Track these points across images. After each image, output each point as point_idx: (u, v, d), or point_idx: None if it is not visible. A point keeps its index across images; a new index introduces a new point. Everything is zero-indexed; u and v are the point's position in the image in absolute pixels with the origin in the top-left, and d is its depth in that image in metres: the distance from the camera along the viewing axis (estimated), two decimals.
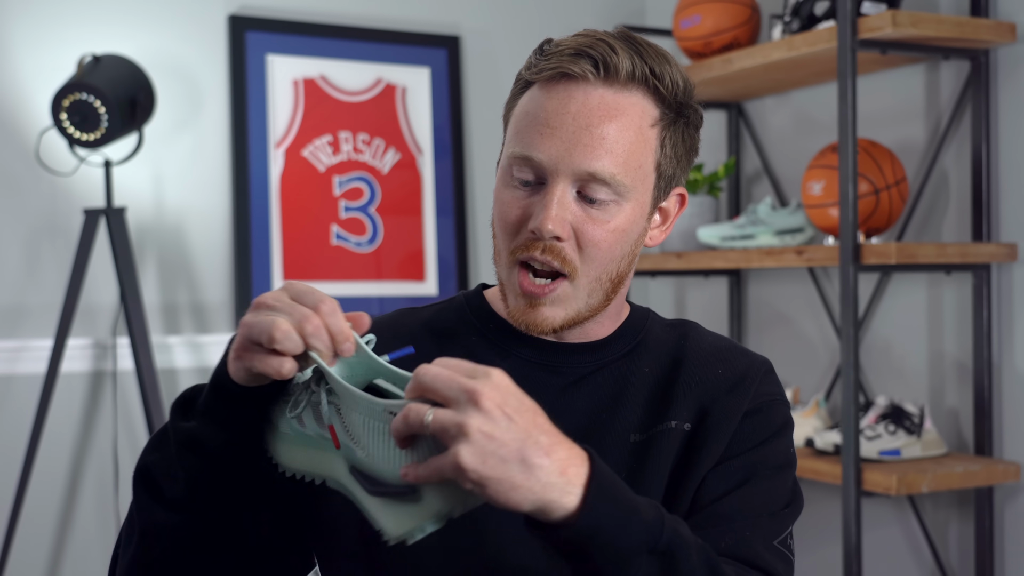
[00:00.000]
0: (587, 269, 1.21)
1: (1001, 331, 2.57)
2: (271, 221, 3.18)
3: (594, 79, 1.19)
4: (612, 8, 3.55)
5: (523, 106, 1.24)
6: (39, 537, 2.95)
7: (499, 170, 1.26)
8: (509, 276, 1.24)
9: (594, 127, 1.18)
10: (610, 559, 1.00)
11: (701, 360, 1.30)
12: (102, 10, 3.02)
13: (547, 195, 1.19)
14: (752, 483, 1.23)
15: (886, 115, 2.82)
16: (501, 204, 1.23)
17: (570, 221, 1.19)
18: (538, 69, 1.22)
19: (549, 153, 1.19)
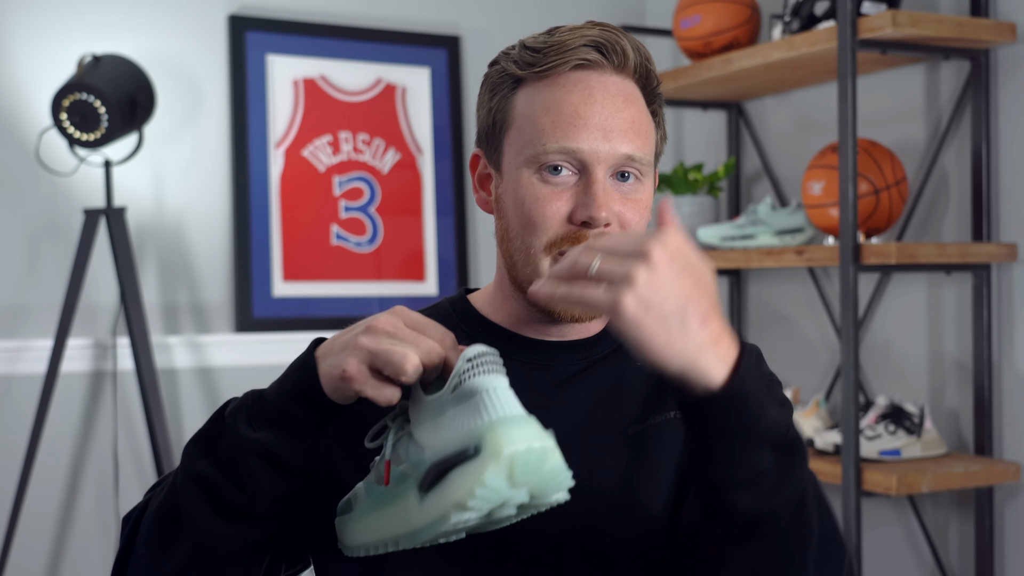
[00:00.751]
0: None
1: (1001, 331, 2.57)
2: (271, 221, 3.18)
3: (609, 67, 1.23)
4: (612, 8, 3.55)
5: (532, 104, 1.23)
6: (39, 537, 2.95)
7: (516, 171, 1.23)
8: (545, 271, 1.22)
9: (621, 111, 1.22)
10: (742, 438, 1.02)
11: None
12: (102, 10, 3.02)
13: (592, 184, 1.21)
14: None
15: (886, 115, 2.82)
16: (535, 201, 1.21)
17: (616, 209, 1.22)
18: (545, 65, 1.22)
19: (589, 142, 1.20)
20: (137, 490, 3.04)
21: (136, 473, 3.04)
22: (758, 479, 1.04)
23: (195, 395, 3.11)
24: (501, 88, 1.25)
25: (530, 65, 1.23)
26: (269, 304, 3.17)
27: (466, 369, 1.00)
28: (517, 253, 1.24)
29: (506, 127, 1.25)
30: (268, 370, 3.22)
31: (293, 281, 3.20)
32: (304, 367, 1.09)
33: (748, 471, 1.04)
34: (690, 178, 3.07)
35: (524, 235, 1.23)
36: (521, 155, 1.23)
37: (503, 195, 1.25)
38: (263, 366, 3.14)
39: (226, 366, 3.13)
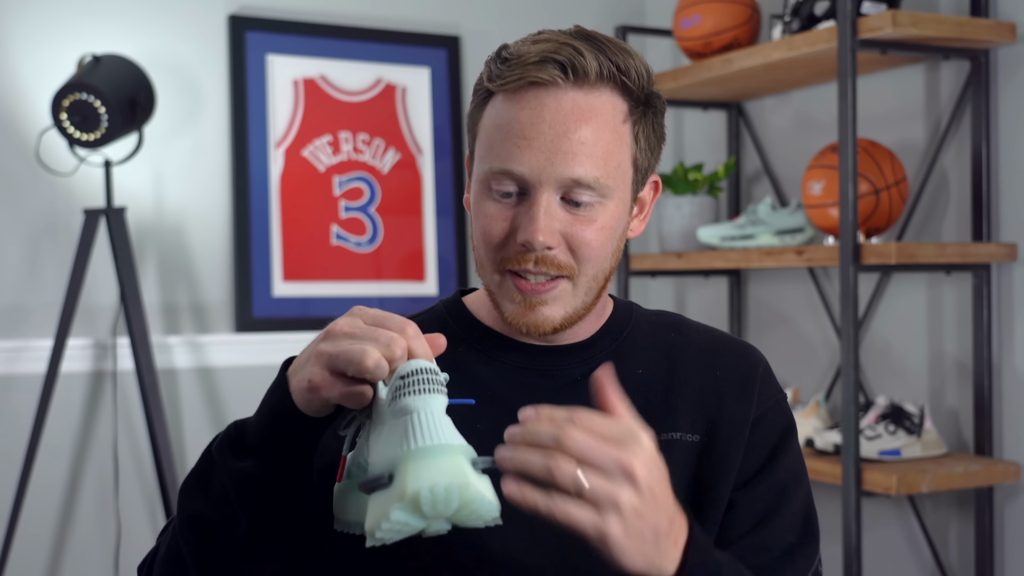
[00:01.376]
0: (584, 269, 1.21)
1: (1001, 331, 2.57)
2: (271, 221, 3.18)
3: (564, 83, 1.17)
4: (612, 8, 3.55)
5: (491, 118, 1.21)
6: (39, 537, 2.95)
7: (474, 183, 1.23)
8: (501, 285, 1.22)
9: (571, 133, 1.17)
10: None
11: (697, 362, 1.30)
12: (102, 10, 3.02)
13: (533, 207, 1.17)
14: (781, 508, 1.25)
15: (886, 115, 2.82)
16: (484, 218, 1.21)
17: (558, 228, 1.18)
18: (503, 80, 1.19)
19: (530, 165, 1.17)
20: (137, 490, 3.04)
21: (136, 473, 3.04)
22: None
23: (195, 395, 3.11)
24: (477, 96, 1.25)
25: (496, 78, 1.21)
26: (269, 304, 3.17)
27: (399, 386, 0.99)
28: (478, 263, 1.25)
29: (477, 137, 1.25)
30: (268, 370, 3.21)
31: (293, 281, 3.20)
32: (277, 389, 1.08)
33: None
34: (690, 178, 3.07)
35: (480, 247, 1.23)
36: (478, 169, 1.23)
37: (472, 202, 1.25)
38: (263, 366, 3.15)
39: (226, 366, 3.13)
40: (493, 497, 0.97)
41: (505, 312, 1.23)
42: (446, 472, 0.95)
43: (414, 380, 0.98)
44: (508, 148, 1.18)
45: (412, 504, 0.94)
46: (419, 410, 0.97)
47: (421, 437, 0.96)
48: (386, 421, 0.99)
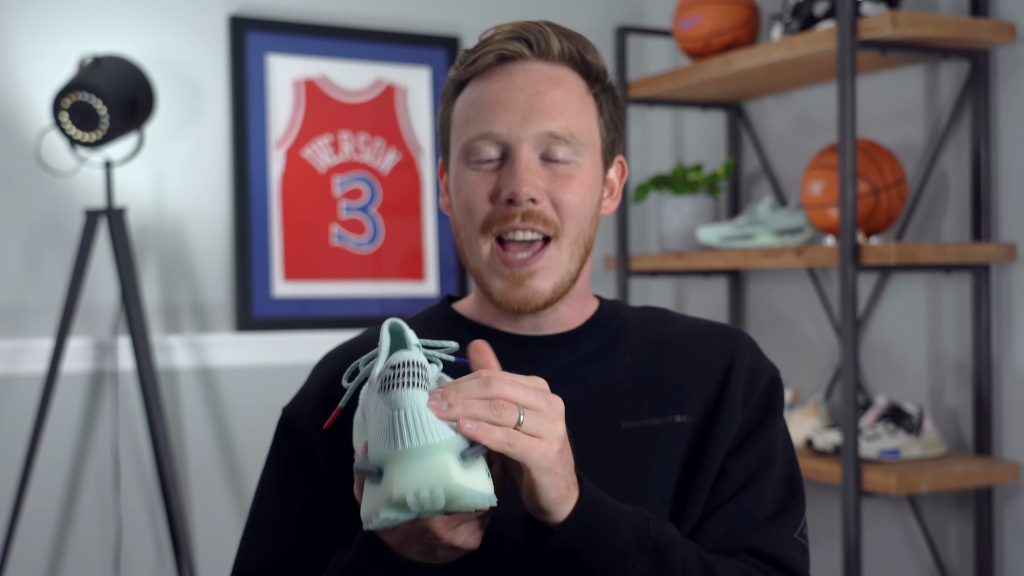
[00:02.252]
0: (567, 228, 1.25)
1: (1001, 331, 2.57)
2: (271, 221, 3.18)
3: (531, 56, 1.26)
4: (612, 8, 3.55)
5: (464, 102, 1.28)
6: (39, 537, 2.95)
7: (453, 165, 1.29)
8: (489, 259, 1.26)
9: (543, 94, 1.25)
10: (606, 555, 1.07)
11: (685, 347, 1.32)
12: (102, 10, 3.02)
13: (514, 163, 1.23)
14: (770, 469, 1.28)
15: (886, 115, 2.82)
16: (467, 187, 1.26)
17: (541, 185, 1.24)
18: (472, 60, 1.26)
19: (507, 124, 1.24)
20: (137, 490, 3.04)
21: (136, 473, 3.04)
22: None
23: (195, 395, 3.11)
24: (446, 95, 1.31)
25: (460, 66, 1.28)
26: (269, 304, 3.17)
27: (388, 375, 1.00)
28: (464, 245, 1.28)
29: (450, 129, 1.30)
30: (268, 370, 3.24)
31: (293, 281, 3.20)
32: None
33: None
34: (690, 178, 3.07)
35: (464, 225, 1.27)
36: (456, 151, 1.28)
37: (451, 192, 1.30)
38: (263, 366, 3.15)
39: (226, 366, 3.13)
40: (484, 486, 0.99)
41: (494, 290, 1.26)
42: (430, 475, 0.97)
43: (401, 373, 1.00)
44: (484, 115, 1.25)
45: (399, 505, 0.97)
46: (405, 407, 0.98)
47: (406, 438, 0.97)
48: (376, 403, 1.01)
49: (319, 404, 1.30)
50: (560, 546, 1.07)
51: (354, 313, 3.26)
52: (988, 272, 2.57)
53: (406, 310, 3.28)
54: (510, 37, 1.26)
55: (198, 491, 3.11)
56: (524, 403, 1.01)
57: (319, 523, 1.28)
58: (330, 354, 1.38)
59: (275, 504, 1.30)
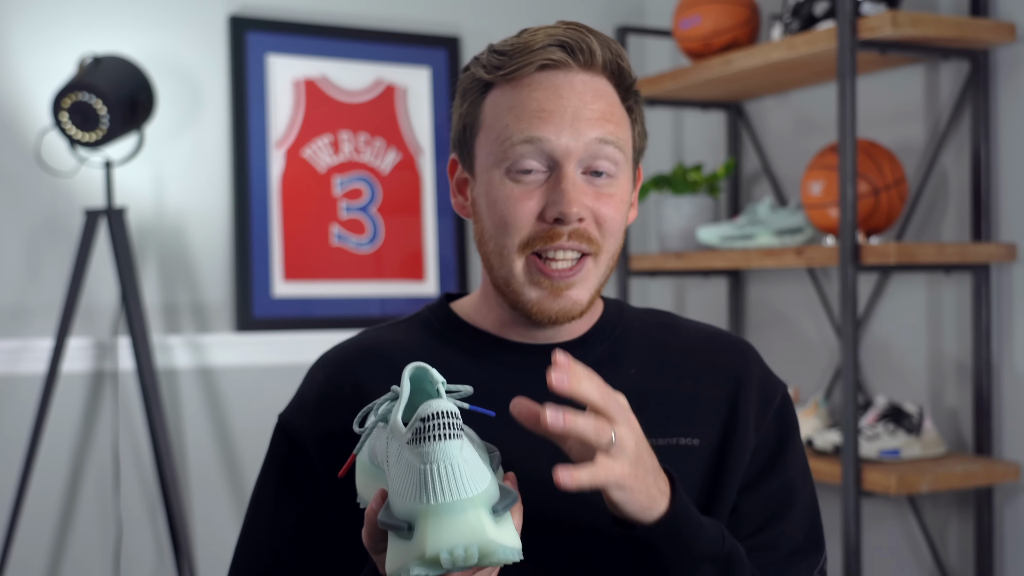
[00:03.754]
0: (607, 245, 1.23)
1: (1001, 331, 2.57)
2: (271, 221, 3.18)
3: (575, 66, 1.22)
4: (612, 8, 3.55)
5: (497, 106, 1.22)
6: (39, 537, 2.95)
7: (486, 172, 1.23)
8: (524, 272, 1.22)
9: (589, 104, 1.21)
10: (685, 560, 1.10)
11: (691, 359, 1.30)
12: (102, 10, 3.02)
13: (563, 180, 1.19)
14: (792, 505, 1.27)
15: (885, 115, 2.82)
16: (506, 201, 1.21)
17: (587, 203, 1.21)
18: (511, 67, 1.21)
19: (555, 133, 1.19)
20: (137, 490, 3.04)
21: (136, 473, 3.04)
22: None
23: (195, 395, 3.11)
24: (471, 93, 1.25)
25: (497, 68, 1.22)
26: (269, 304, 3.17)
27: (418, 428, 0.96)
28: (493, 256, 1.24)
29: (476, 131, 1.25)
30: (268, 370, 3.24)
31: (293, 281, 3.20)
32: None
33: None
34: (690, 178, 3.07)
35: (498, 236, 1.22)
36: (491, 156, 1.22)
37: (478, 198, 1.25)
38: (263, 366, 3.15)
39: (226, 366, 3.13)
40: (513, 540, 0.98)
41: (529, 300, 1.22)
42: (465, 531, 0.95)
43: (435, 425, 0.96)
44: (528, 120, 1.20)
45: (432, 563, 0.96)
46: (439, 461, 0.95)
47: (440, 493, 0.95)
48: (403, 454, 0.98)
49: (316, 412, 1.28)
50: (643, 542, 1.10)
51: (354, 313, 3.26)
52: (988, 272, 2.57)
53: (406, 310, 3.28)
54: (552, 44, 1.21)
55: (198, 491, 3.11)
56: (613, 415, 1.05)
57: (317, 532, 1.26)
58: (325, 359, 1.35)
59: (272, 512, 1.29)
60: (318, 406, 1.28)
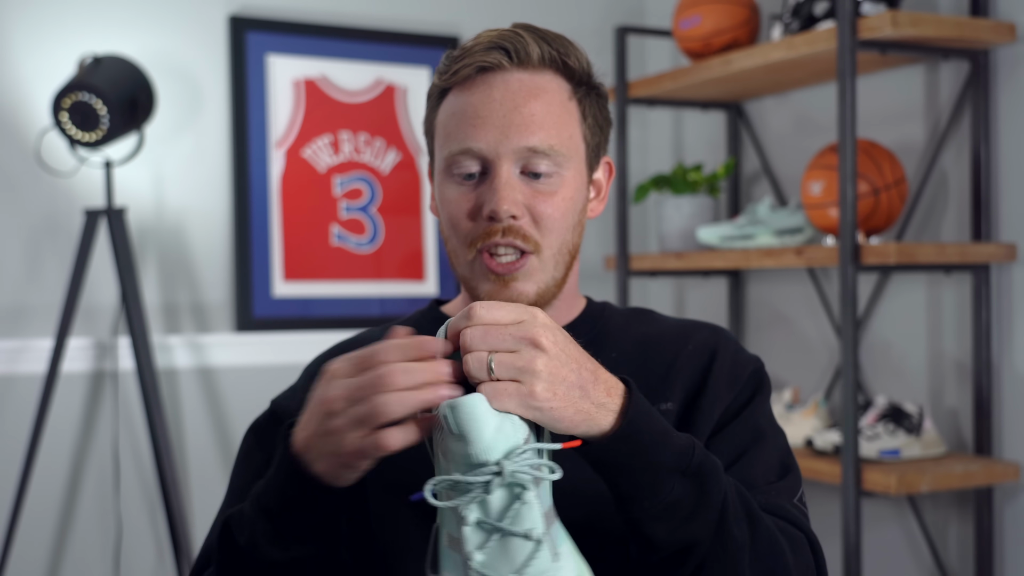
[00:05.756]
0: (548, 242, 1.27)
1: (1001, 331, 2.57)
2: (271, 221, 3.18)
3: (510, 66, 1.26)
4: (611, 8, 3.55)
5: (446, 112, 1.29)
6: (39, 537, 2.95)
7: (437, 176, 1.31)
8: (473, 267, 1.28)
9: (521, 107, 1.25)
10: (646, 473, 1.06)
11: (668, 340, 1.34)
12: (102, 10, 3.02)
13: (494, 179, 1.25)
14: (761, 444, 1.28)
15: (886, 115, 2.82)
16: (449, 203, 1.28)
17: (521, 200, 1.25)
18: (453, 71, 1.27)
19: (486, 140, 1.24)
20: (137, 490, 3.04)
21: (136, 473, 3.04)
22: (672, 509, 1.07)
23: (195, 395, 3.11)
24: (431, 99, 1.32)
25: (442, 74, 1.29)
26: (269, 304, 3.17)
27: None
28: (451, 254, 1.31)
29: (433, 136, 1.32)
30: (268, 370, 3.24)
31: (293, 281, 3.20)
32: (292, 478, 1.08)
33: (659, 503, 1.07)
34: (690, 178, 3.07)
35: (451, 236, 1.30)
36: (439, 160, 1.30)
37: (436, 196, 1.32)
38: (263, 366, 3.15)
39: (226, 366, 3.13)
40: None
41: (481, 292, 1.28)
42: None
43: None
44: (464, 129, 1.25)
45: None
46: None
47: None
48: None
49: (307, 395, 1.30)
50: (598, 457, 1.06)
51: (354, 313, 3.26)
52: (988, 272, 2.57)
53: (406, 310, 3.28)
54: (489, 47, 1.26)
55: (198, 491, 3.11)
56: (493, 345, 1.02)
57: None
58: (322, 355, 1.39)
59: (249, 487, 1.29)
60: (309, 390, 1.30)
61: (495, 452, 0.98)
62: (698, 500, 1.08)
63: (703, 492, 1.08)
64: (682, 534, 1.08)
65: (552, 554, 1.00)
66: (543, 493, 1.02)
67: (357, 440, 1.01)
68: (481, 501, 0.99)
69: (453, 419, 0.98)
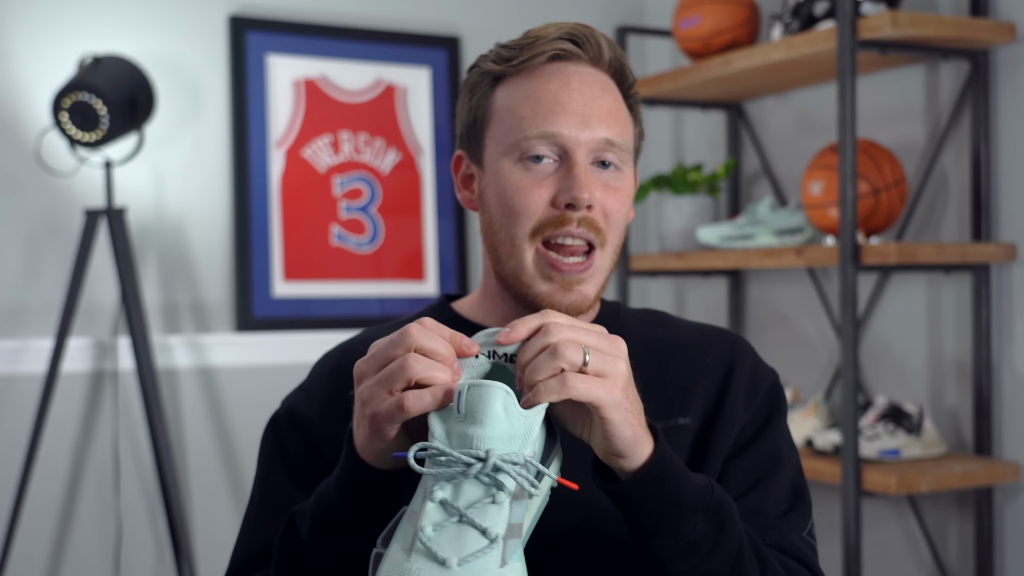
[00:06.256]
0: (611, 237, 1.26)
1: (1001, 331, 2.57)
2: (271, 221, 3.18)
3: (584, 59, 1.26)
4: (612, 8, 3.55)
5: (511, 97, 1.26)
6: (39, 537, 2.95)
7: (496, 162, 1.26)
8: (536, 263, 1.24)
9: (599, 99, 1.25)
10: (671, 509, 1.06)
11: (686, 350, 1.33)
12: (102, 10, 3.02)
13: (574, 167, 1.23)
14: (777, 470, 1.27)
15: (886, 115, 2.82)
16: (516, 190, 1.24)
17: (596, 193, 1.24)
18: (522, 59, 1.25)
19: (568, 127, 1.23)
20: (137, 490, 3.04)
21: (136, 473, 3.04)
22: (695, 545, 1.07)
23: (195, 395, 3.11)
24: (480, 87, 1.29)
25: (507, 60, 1.27)
26: (269, 304, 3.17)
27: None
28: (501, 246, 1.26)
29: (487, 122, 1.28)
30: (268, 370, 3.24)
31: (293, 281, 3.20)
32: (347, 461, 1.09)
33: (683, 539, 1.07)
34: (690, 178, 3.07)
35: (508, 225, 1.25)
36: (502, 145, 1.25)
37: (486, 189, 1.28)
38: (263, 366, 3.15)
39: (226, 366, 3.13)
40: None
41: (537, 293, 1.25)
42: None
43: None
44: (542, 114, 1.23)
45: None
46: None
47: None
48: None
49: (325, 396, 1.29)
50: (630, 493, 1.05)
51: (354, 313, 3.26)
52: (988, 272, 2.57)
53: (406, 310, 3.28)
54: (562, 36, 1.25)
55: (198, 491, 3.11)
56: (586, 343, 1.01)
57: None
58: (332, 352, 1.37)
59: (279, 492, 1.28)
60: (328, 393, 1.29)
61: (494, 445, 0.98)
62: (718, 537, 1.09)
63: (722, 529, 1.09)
64: (702, 570, 1.08)
65: (500, 560, 0.97)
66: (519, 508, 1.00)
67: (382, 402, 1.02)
68: (456, 483, 0.98)
69: (468, 397, 0.98)
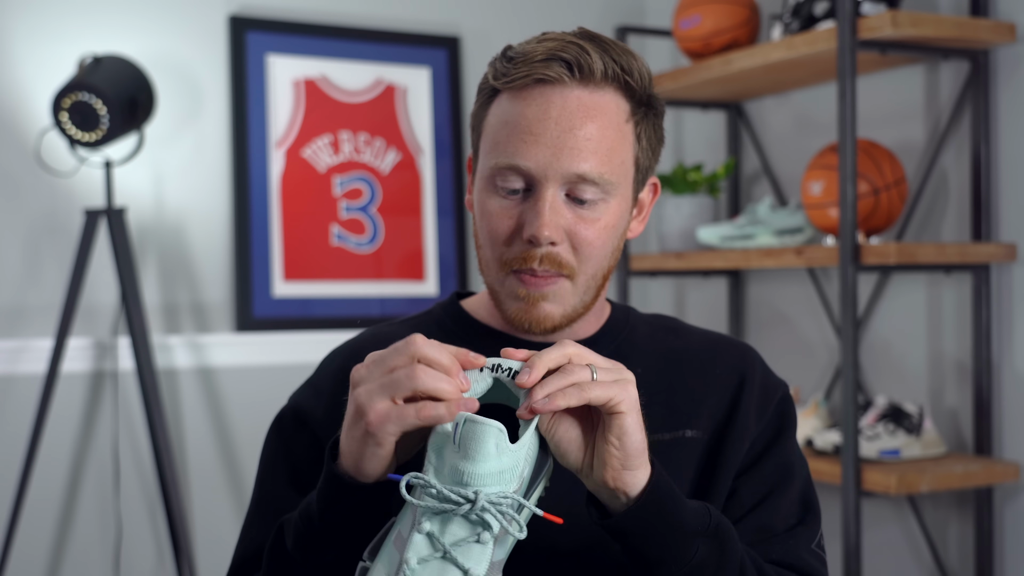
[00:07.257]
0: (584, 268, 1.23)
1: (1001, 331, 2.57)
2: (271, 221, 3.18)
3: (570, 81, 1.19)
4: (612, 8, 3.55)
5: (497, 116, 1.23)
6: (39, 537, 2.95)
7: (479, 180, 1.25)
8: (504, 283, 1.24)
9: (577, 129, 1.19)
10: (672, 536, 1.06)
11: (696, 360, 1.31)
12: (102, 10, 3.02)
13: (539, 202, 1.19)
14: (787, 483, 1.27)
15: (886, 115, 2.82)
16: (489, 216, 1.22)
17: (563, 225, 1.20)
18: (510, 77, 1.21)
19: (536, 160, 1.18)
20: (137, 490, 3.04)
21: (136, 473, 3.04)
22: (697, 571, 1.07)
23: (195, 395, 3.11)
24: (482, 95, 1.26)
25: (502, 75, 1.22)
26: (269, 304, 3.17)
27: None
28: (483, 261, 1.26)
29: (481, 135, 1.26)
30: (268, 370, 3.24)
31: (293, 281, 3.20)
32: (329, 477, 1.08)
33: (685, 565, 1.07)
34: (690, 178, 3.07)
35: (486, 246, 1.25)
36: (484, 166, 1.24)
37: (475, 200, 1.27)
38: (263, 366, 3.15)
39: (226, 366, 3.13)
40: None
41: (508, 310, 1.24)
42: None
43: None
44: (514, 143, 1.19)
45: None
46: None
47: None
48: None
49: (332, 395, 1.29)
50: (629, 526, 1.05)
51: (354, 313, 3.26)
52: (988, 272, 2.57)
53: (406, 310, 3.28)
54: (550, 58, 1.19)
55: (198, 491, 3.11)
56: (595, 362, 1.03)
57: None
58: (338, 349, 1.36)
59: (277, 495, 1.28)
60: (334, 391, 1.28)
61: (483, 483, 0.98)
62: (719, 560, 1.08)
63: (723, 552, 1.09)
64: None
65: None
66: (502, 544, 1.00)
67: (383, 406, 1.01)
68: (444, 518, 0.99)
69: (463, 431, 0.98)
